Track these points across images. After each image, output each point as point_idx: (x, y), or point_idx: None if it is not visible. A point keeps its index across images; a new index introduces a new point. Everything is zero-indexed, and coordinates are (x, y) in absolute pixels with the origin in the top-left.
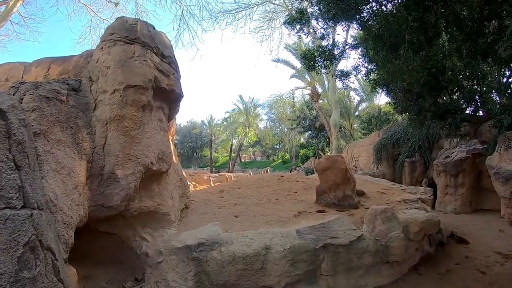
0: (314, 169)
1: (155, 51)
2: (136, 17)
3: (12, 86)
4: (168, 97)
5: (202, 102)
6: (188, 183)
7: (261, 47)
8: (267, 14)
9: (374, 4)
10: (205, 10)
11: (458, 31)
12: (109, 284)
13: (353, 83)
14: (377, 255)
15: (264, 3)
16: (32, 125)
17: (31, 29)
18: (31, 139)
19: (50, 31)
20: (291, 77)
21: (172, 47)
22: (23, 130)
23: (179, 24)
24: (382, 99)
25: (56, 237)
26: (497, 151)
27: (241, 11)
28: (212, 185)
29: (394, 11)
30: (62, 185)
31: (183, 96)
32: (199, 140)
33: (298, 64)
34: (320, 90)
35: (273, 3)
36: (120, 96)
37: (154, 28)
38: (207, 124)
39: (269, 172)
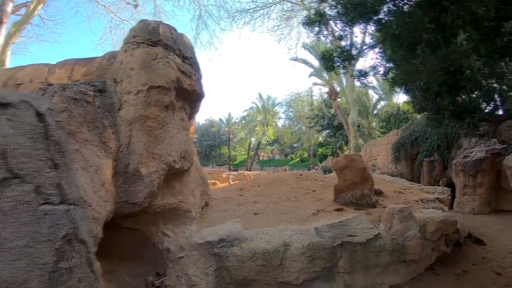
0: (332, 168)
1: (177, 52)
2: (155, 18)
3: (40, 88)
4: (189, 97)
5: (220, 100)
6: (208, 181)
7: (279, 46)
8: (284, 13)
9: (391, 5)
10: (223, 9)
11: (474, 31)
12: (131, 278)
13: (371, 82)
14: (394, 254)
15: (281, 2)
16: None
17: (50, 30)
18: (66, 139)
19: (70, 32)
20: (309, 75)
21: (193, 49)
22: (60, 131)
23: (197, 24)
24: (400, 97)
25: (87, 231)
26: None
27: (258, 10)
28: (231, 183)
29: (411, 12)
30: (91, 182)
31: (204, 96)
32: (217, 139)
33: (316, 62)
34: (338, 89)
35: (291, 2)
36: (144, 96)
37: (175, 30)
38: (225, 123)
39: (287, 171)
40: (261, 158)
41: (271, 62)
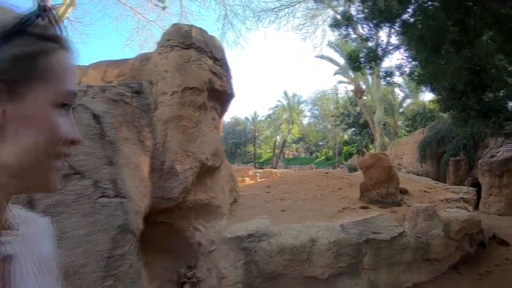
0: (358, 167)
1: (209, 55)
2: (181, 19)
3: (80, 89)
4: (220, 97)
5: (246, 99)
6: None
7: (304, 44)
8: (309, 12)
9: (415, 7)
10: (248, 9)
11: (498, 32)
12: (164, 270)
13: (397, 82)
14: (418, 252)
15: (306, 1)
16: None
17: (78, 31)
18: (118, 139)
19: (98, 34)
20: (334, 73)
21: (223, 50)
22: (113, 131)
23: (223, 24)
24: (427, 95)
25: (134, 223)
26: None
27: (283, 9)
28: (258, 180)
29: (435, 14)
30: (131, 178)
31: (234, 96)
32: (243, 136)
33: (341, 60)
34: (363, 87)
35: (315, 0)
36: (179, 97)
37: (207, 33)
38: (251, 121)
39: (313, 169)
40: (286, 156)
41: (296, 60)
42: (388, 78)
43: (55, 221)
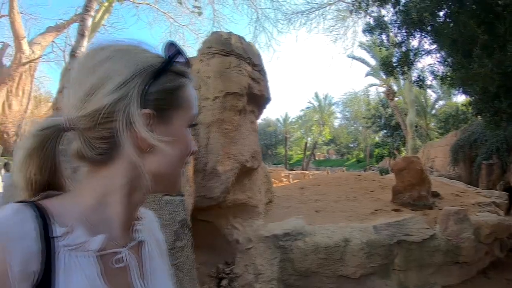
0: (390, 169)
1: (248, 61)
2: (214, 23)
3: None
4: (258, 101)
5: (276, 100)
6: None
7: (335, 46)
8: (339, 13)
9: (445, 16)
10: (279, 12)
11: None
12: (203, 266)
13: (429, 87)
14: (448, 254)
15: (337, 2)
16: None
17: (112, 36)
18: None
19: (132, 38)
20: (366, 75)
21: (261, 56)
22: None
23: (255, 27)
24: (459, 97)
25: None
26: None
27: (314, 11)
28: (291, 182)
29: (465, 22)
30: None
31: (270, 100)
32: (274, 138)
33: (372, 61)
34: (395, 88)
35: (345, 2)
36: (220, 102)
37: (245, 40)
38: (281, 122)
39: (345, 172)
40: (317, 158)
41: (327, 62)
42: (420, 83)
43: None
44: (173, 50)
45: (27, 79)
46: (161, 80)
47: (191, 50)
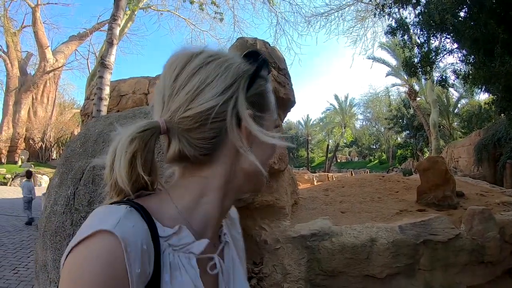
0: (414, 170)
1: (273, 65)
2: (234, 27)
3: None
4: (284, 104)
5: (298, 103)
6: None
7: (355, 47)
8: (359, 14)
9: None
10: (299, 15)
11: None
12: None
13: (452, 86)
14: (473, 254)
15: (356, 3)
16: None
17: (133, 43)
18: None
19: (154, 45)
20: (387, 75)
21: (285, 61)
22: None
23: (275, 31)
24: (482, 95)
25: None
26: None
27: (333, 13)
28: (315, 183)
29: (486, 21)
30: None
31: (295, 103)
32: (295, 140)
33: (393, 61)
34: (417, 88)
35: (364, 3)
36: None
37: (269, 44)
38: (303, 125)
39: (368, 173)
40: (339, 160)
41: (347, 63)
42: (443, 82)
43: None
44: (257, 57)
45: (51, 87)
46: (256, 84)
47: None
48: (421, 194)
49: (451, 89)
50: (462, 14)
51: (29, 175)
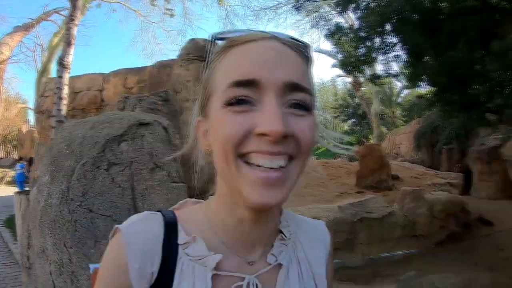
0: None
1: None
2: (185, 20)
3: (119, 100)
4: None
5: None
6: None
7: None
8: (306, 7)
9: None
10: (248, 9)
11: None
12: None
13: (385, 84)
14: (406, 228)
15: None
16: None
17: (81, 34)
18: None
19: (102, 36)
20: (332, 66)
21: None
22: (175, 136)
23: (225, 25)
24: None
25: None
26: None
27: (281, 6)
28: None
29: (414, 34)
30: None
31: None
32: None
33: (340, 49)
34: (361, 79)
35: None
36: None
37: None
38: None
39: (314, 160)
40: None
41: None
42: (376, 80)
43: (149, 198)
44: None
45: None
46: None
47: (161, 47)
48: (360, 178)
49: (394, 81)
50: (388, 27)
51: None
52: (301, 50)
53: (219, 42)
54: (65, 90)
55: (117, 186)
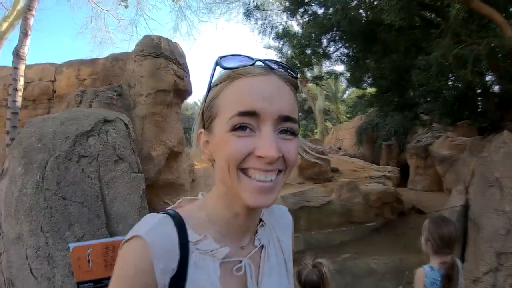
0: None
1: (174, 61)
2: (138, 9)
3: (76, 94)
4: (182, 95)
5: (195, 85)
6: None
7: (253, 35)
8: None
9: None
10: (201, 1)
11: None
12: None
13: (324, 85)
14: (343, 216)
15: None
16: None
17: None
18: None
19: (52, 21)
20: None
21: (185, 56)
22: (133, 132)
23: (177, 16)
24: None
25: None
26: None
27: (234, 1)
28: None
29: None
30: None
31: (192, 93)
32: (191, 120)
33: (288, 50)
34: (308, 75)
35: None
36: (152, 98)
37: (172, 42)
38: (199, 105)
39: None
40: None
41: (246, 51)
42: (318, 81)
43: (114, 187)
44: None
45: None
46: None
47: (112, 35)
48: (302, 170)
49: (341, 78)
50: (325, 41)
51: None
52: (292, 81)
53: (223, 69)
54: (21, 82)
55: (86, 176)
